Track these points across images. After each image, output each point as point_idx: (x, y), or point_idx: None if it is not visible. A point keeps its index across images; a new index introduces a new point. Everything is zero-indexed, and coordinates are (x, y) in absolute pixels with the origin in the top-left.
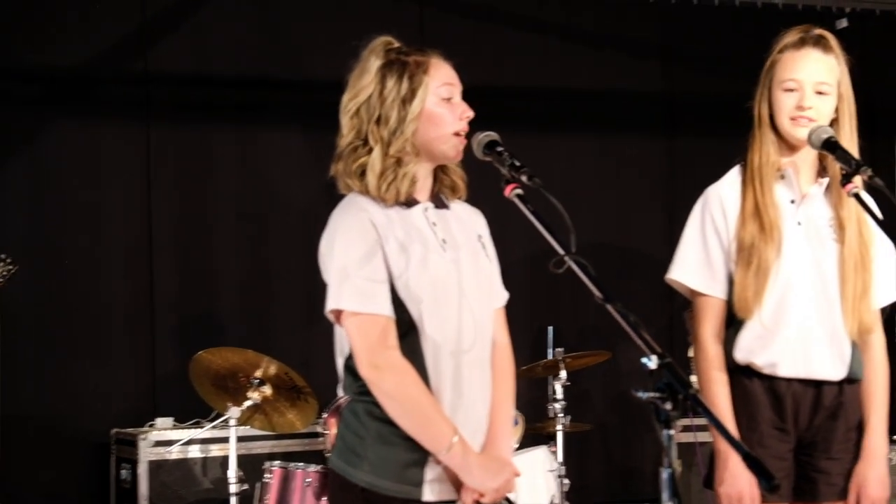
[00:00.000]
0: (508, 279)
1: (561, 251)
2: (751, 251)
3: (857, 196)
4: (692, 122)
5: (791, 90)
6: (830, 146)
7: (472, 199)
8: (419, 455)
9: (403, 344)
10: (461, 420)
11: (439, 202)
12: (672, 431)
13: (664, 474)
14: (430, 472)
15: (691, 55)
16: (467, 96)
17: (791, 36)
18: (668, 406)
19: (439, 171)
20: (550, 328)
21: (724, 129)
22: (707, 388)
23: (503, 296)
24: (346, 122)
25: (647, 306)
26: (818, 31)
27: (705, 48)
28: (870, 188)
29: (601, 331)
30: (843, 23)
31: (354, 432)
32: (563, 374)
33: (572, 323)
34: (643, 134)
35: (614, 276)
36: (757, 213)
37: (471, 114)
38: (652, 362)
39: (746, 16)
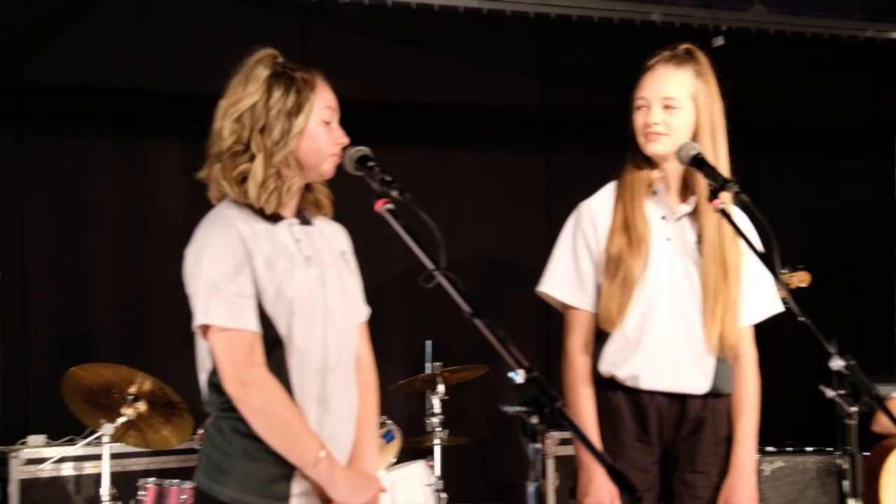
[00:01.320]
0: (388, 293)
1: (430, 265)
2: (617, 264)
3: (723, 212)
4: (571, 138)
5: (640, 107)
6: (698, 162)
7: (351, 212)
8: (286, 470)
9: (270, 360)
10: (327, 436)
11: (303, 219)
12: (538, 445)
13: (530, 488)
14: (297, 487)
15: (570, 71)
16: (347, 110)
17: (652, 58)
18: (535, 420)
19: (304, 189)
20: (429, 342)
21: (602, 144)
22: (573, 400)
23: (365, 311)
24: (226, 125)
25: (528, 320)
26: (684, 46)
27: (584, 64)
28: (738, 204)
29: (480, 345)
30: (720, 40)
31: (219, 449)
32: (441, 388)
33: (451, 337)
34: (522, 149)
35: (495, 290)
36: (625, 227)
37: (345, 141)
38: (519, 376)
39: (625, 33)
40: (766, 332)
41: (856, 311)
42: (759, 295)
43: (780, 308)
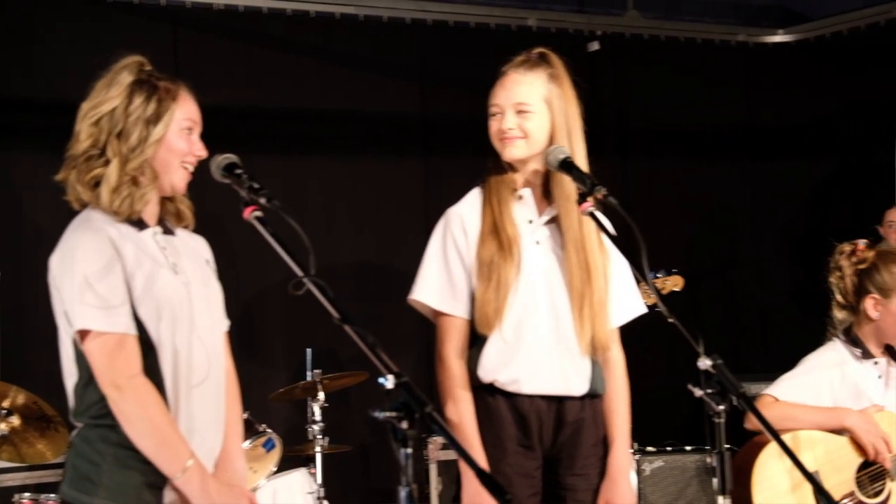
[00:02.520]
0: (268, 301)
1: (300, 273)
2: (490, 268)
3: (592, 215)
4: (449, 143)
5: (495, 114)
6: (567, 166)
7: (228, 219)
8: (157, 478)
9: (144, 365)
10: (196, 444)
11: (166, 228)
12: (409, 450)
13: (402, 493)
14: (169, 496)
15: (448, 76)
16: (223, 117)
17: (507, 64)
18: (405, 425)
19: (165, 199)
20: (309, 350)
21: (480, 149)
22: (452, 406)
23: (227, 322)
24: (84, 128)
25: (407, 326)
26: (538, 50)
27: (461, 69)
28: (605, 207)
29: (362, 352)
30: (595, 45)
31: (88, 459)
32: (322, 395)
33: (334, 345)
34: (401, 154)
35: (374, 296)
36: (495, 232)
37: (203, 154)
38: (389, 382)
39: (502, 38)
40: (645, 334)
41: (731, 312)
42: (624, 297)
43: (644, 309)
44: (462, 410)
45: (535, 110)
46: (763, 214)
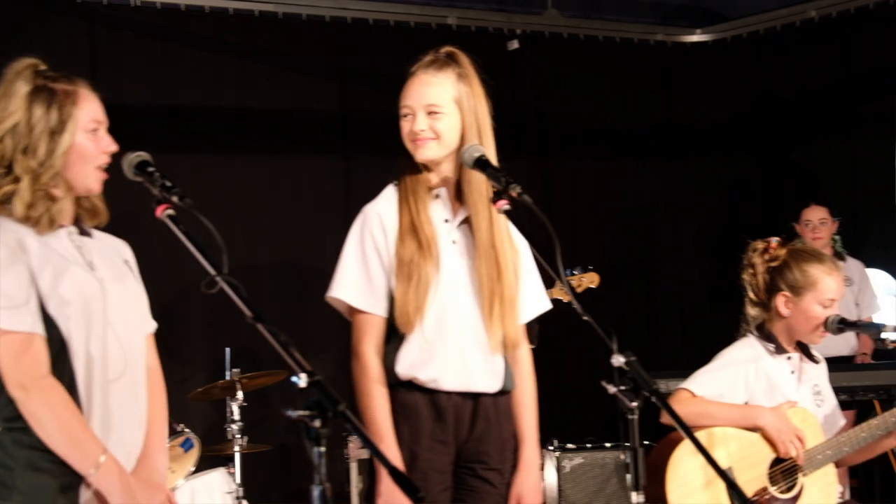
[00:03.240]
0: (188, 300)
1: (212, 271)
2: (411, 267)
3: (507, 213)
4: (369, 141)
5: (406, 115)
6: (481, 164)
7: (149, 217)
8: (72, 479)
9: (55, 364)
10: (114, 443)
11: (82, 229)
12: (322, 449)
13: (315, 492)
14: (84, 494)
15: (367, 74)
16: (140, 115)
17: (416, 64)
18: (318, 424)
19: (80, 197)
20: (227, 349)
21: (399, 148)
22: (368, 403)
23: (153, 324)
24: None
25: (328, 324)
26: (446, 50)
27: (381, 67)
28: (521, 204)
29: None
30: (515, 44)
31: (2, 464)
32: (240, 394)
33: (254, 344)
34: (321, 153)
35: (295, 295)
36: (414, 230)
37: (114, 148)
38: (301, 381)
39: (421, 36)
40: (567, 331)
41: (651, 309)
42: (531, 293)
43: (549, 306)
44: (378, 407)
45: (445, 111)
46: (681, 212)
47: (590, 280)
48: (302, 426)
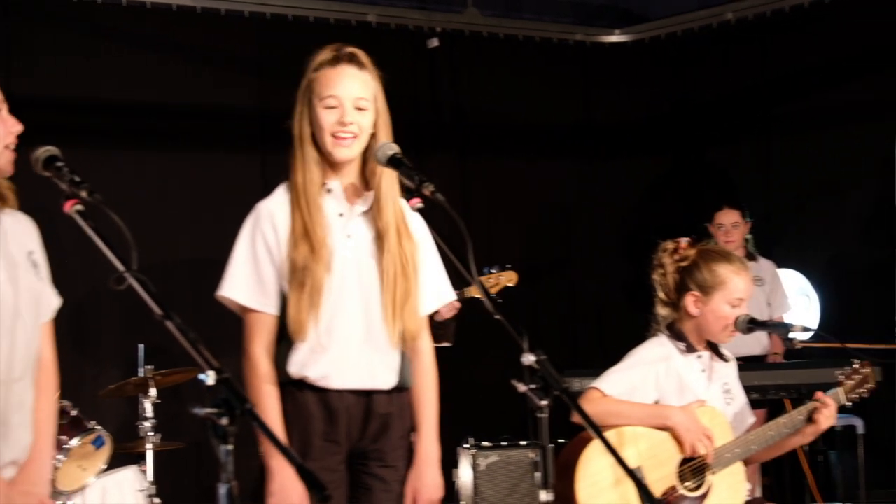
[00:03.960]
0: (100, 296)
1: (121, 267)
2: (304, 273)
3: (420, 211)
4: (286, 138)
5: (332, 107)
6: (395, 162)
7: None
8: None
9: None
10: (12, 442)
11: None
12: (230, 447)
13: (222, 490)
14: None
15: (286, 71)
16: (55, 110)
17: (325, 54)
18: (225, 422)
19: None
20: (141, 346)
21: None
22: (259, 402)
23: (52, 306)
24: None
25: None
26: (350, 49)
27: (300, 64)
28: (433, 202)
29: None
30: (435, 42)
31: None
32: (153, 391)
33: (168, 341)
34: (239, 149)
35: (212, 292)
36: (306, 234)
37: (19, 128)
38: (209, 378)
39: (341, 33)
40: (484, 329)
41: (568, 308)
42: (432, 286)
43: (453, 297)
44: (268, 407)
45: (368, 107)
46: (599, 212)
47: (507, 279)
48: (209, 424)
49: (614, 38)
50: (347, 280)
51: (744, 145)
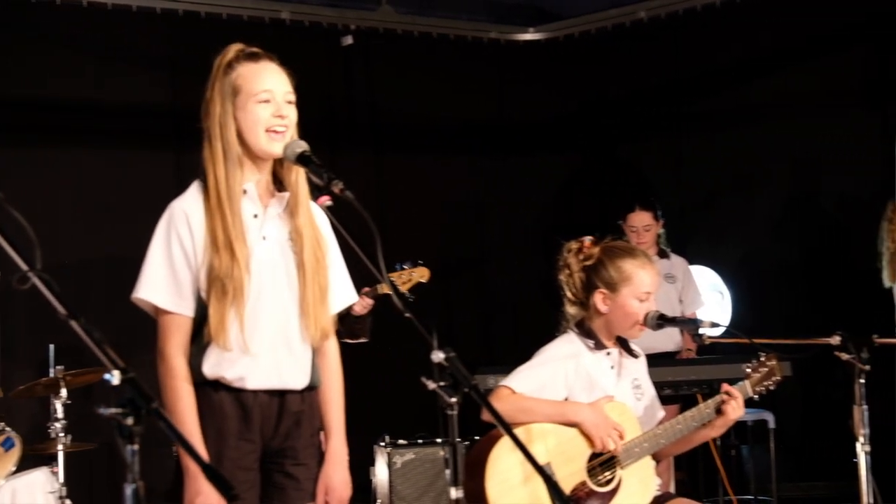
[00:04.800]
0: (10, 295)
1: (24, 267)
2: (225, 282)
3: (330, 208)
4: (199, 135)
5: (266, 101)
6: (304, 160)
7: None
8: None
9: None
10: None
11: None
12: (135, 447)
13: (128, 490)
14: None
15: (199, 68)
16: None
17: (234, 52)
18: (130, 421)
19: None
20: (51, 346)
21: None
22: (173, 403)
23: None
24: None
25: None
26: (255, 48)
27: (214, 62)
28: (342, 200)
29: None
30: (349, 40)
31: None
32: (64, 392)
33: (76, 340)
34: (152, 147)
35: (123, 290)
36: (227, 241)
37: None
38: (115, 378)
39: (254, 31)
40: (399, 327)
41: (483, 305)
42: (339, 285)
43: (356, 298)
44: (184, 407)
45: (294, 101)
46: (514, 209)
47: (420, 275)
48: (115, 424)
49: (528, 37)
50: (263, 282)
51: (656, 143)
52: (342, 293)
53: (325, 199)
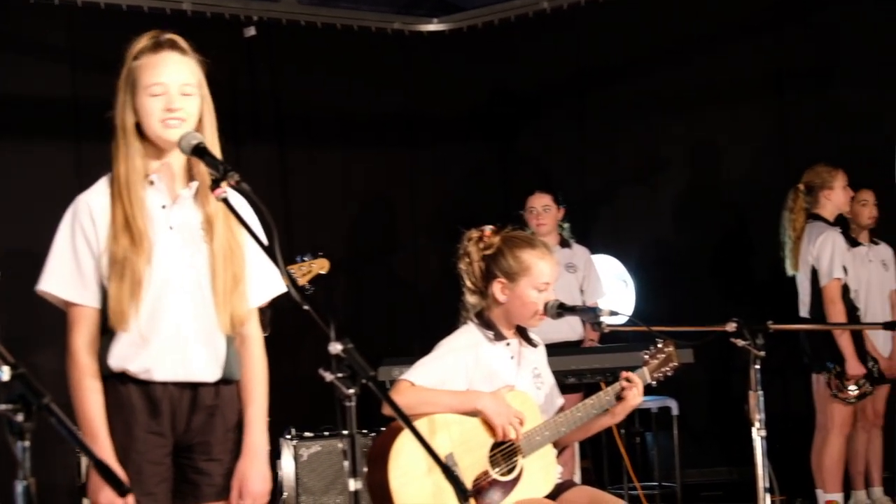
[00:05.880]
0: None
1: None
2: (124, 264)
3: (226, 201)
4: (100, 128)
5: (158, 94)
6: (199, 152)
7: None
8: None
9: None
10: None
11: None
12: (27, 443)
13: (19, 487)
14: None
15: (99, 60)
16: None
17: (144, 42)
18: (21, 418)
19: None
20: None
21: None
22: (80, 397)
23: None
24: None
25: (57, 316)
26: (170, 35)
27: (114, 53)
28: (239, 192)
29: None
30: (252, 31)
31: None
32: None
33: None
34: (51, 139)
35: (25, 285)
36: (127, 226)
37: None
38: (4, 374)
39: (155, 22)
40: (303, 319)
41: (390, 296)
42: (263, 277)
43: (283, 289)
44: (90, 402)
45: (193, 92)
46: (420, 200)
47: (319, 266)
48: (5, 420)
49: (432, 28)
50: (172, 272)
51: (560, 133)
52: (264, 284)
53: (221, 192)
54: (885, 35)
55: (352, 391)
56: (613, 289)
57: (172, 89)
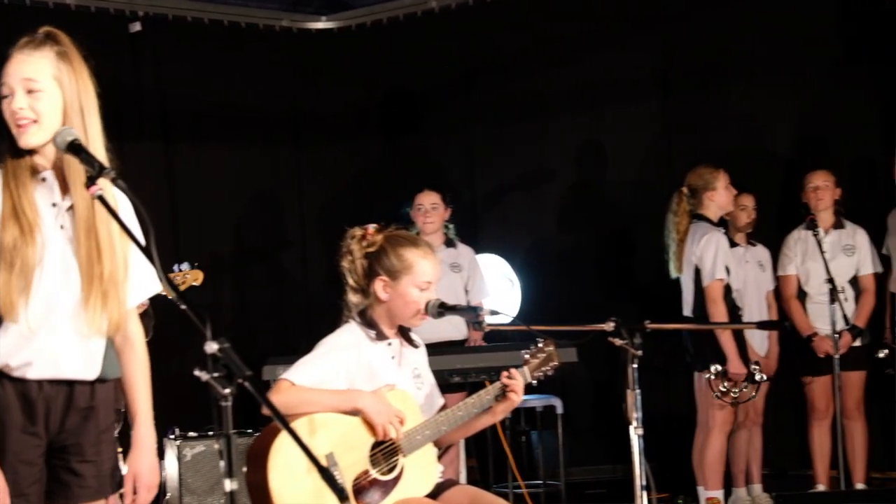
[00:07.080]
0: None
1: None
2: (13, 253)
3: (101, 199)
4: None
5: (5, 96)
6: (74, 148)
7: None
8: None
9: None
10: None
11: None
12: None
13: None
14: None
15: None
16: None
17: (21, 42)
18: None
19: None
20: None
21: None
22: None
23: None
24: None
25: None
26: (44, 30)
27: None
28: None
29: None
30: (137, 26)
31: None
32: None
33: None
34: None
35: None
36: (16, 215)
37: None
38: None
39: (37, 16)
40: (187, 319)
41: (277, 295)
42: (139, 276)
43: (160, 288)
44: None
45: (44, 88)
46: (308, 199)
47: (194, 277)
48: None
49: (320, 25)
50: (56, 270)
51: (448, 134)
52: (142, 283)
53: (95, 189)
54: (769, 37)
55: (227, 391)
56: (500, 288)
57: (17, 88)
